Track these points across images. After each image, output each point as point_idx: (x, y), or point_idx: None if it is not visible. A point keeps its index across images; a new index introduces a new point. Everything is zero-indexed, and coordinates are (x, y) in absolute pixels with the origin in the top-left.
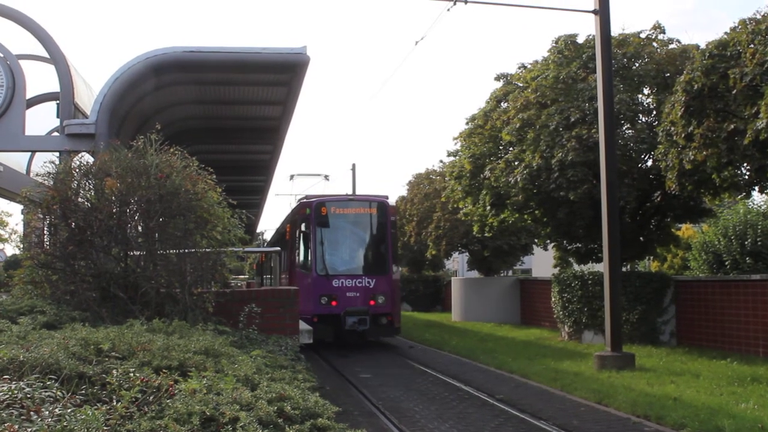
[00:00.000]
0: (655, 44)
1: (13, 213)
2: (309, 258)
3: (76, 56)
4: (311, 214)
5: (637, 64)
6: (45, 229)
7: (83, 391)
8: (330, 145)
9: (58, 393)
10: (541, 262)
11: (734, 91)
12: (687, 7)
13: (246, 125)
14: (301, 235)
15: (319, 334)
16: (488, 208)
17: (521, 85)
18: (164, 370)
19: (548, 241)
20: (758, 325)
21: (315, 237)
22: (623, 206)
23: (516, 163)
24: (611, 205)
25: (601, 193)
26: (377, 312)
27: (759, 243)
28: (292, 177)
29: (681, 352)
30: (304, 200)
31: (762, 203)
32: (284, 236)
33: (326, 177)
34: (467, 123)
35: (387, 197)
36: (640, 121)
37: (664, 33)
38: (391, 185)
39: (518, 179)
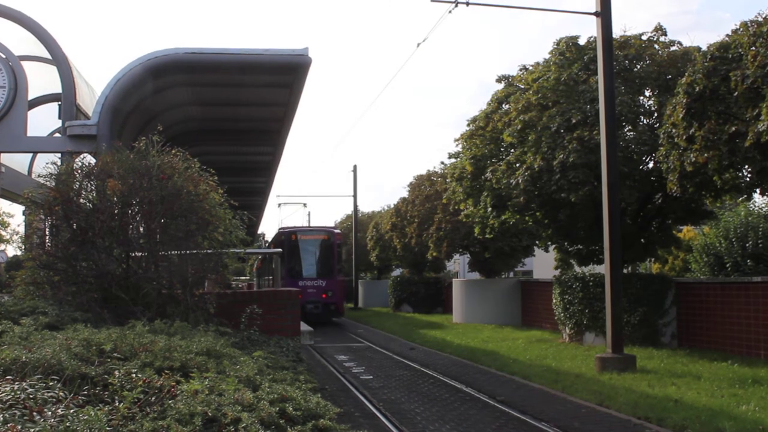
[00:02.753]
0: (656, 46)
1: (15, 214)
2: (284, 266)
3: (78, 57)
4: (285, 239)
5: (638, 66)
6: (47, 230)
7: (85, 392)
8: (331, 148)
9: (61, 394)
10: (542, 264)
11: (735, 94)
12: (691, 7)
13: (247, 127)
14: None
15: None
16: (489, 209)
17: (523, 86)
18: (166, 371)
19: (549, 242)
20: (759, 327)
21: (288, 253)
22: (624, 208)
23: (517, 164)
24: (612, 207)
25: (602, 194)
26: (327, 302)
27: (760, 245)
28: (279, 205)
29: (682, 354)
30: (281, 229)
31: (763, 205)
32: None
33: (305, 205)
34: (468, 124)
35: (336, 228)
36: (641, 123)
37: (666, 35)
38: (392, 186)
39: (519, 181)
